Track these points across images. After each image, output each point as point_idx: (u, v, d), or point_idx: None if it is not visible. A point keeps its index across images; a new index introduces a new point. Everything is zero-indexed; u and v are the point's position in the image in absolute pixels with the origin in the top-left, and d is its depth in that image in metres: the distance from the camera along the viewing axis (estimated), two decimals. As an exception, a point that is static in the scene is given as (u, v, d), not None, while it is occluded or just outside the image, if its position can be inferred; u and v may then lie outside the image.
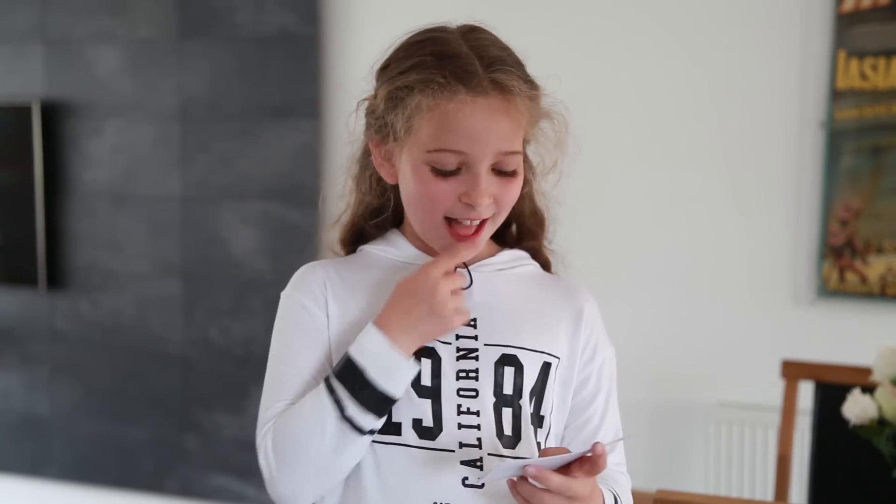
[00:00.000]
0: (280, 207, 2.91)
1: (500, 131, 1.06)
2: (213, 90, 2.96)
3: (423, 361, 1.09)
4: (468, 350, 1.11)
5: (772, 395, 2.33)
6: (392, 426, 1.08)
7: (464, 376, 1.09)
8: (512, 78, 1.06)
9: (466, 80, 1.04)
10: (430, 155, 1.07)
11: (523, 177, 1.14)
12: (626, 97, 2.59)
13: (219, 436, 3.03)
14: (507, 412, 1.10)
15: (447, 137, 1.05)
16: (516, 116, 1.07)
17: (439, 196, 1.08)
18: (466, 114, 1.05)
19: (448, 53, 1.06)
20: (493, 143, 1.06)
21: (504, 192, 1.09)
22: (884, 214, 2.38)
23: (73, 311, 3.19)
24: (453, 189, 1.07)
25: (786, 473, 1.98)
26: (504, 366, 1.11)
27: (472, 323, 1.12)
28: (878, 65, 2.37)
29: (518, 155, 1.09)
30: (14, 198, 3.18)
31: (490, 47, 1.08)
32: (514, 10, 2.57)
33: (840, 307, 2.44)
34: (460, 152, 1.06)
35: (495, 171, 1.08)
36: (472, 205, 1.07)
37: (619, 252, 2.61)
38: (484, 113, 1.05)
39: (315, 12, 2.83)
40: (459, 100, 1.04)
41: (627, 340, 2.62)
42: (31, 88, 3.15)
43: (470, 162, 1.06)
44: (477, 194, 1.06)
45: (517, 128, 1.08)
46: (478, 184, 1.06)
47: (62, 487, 3.27)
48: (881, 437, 1.59)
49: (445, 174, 1.07)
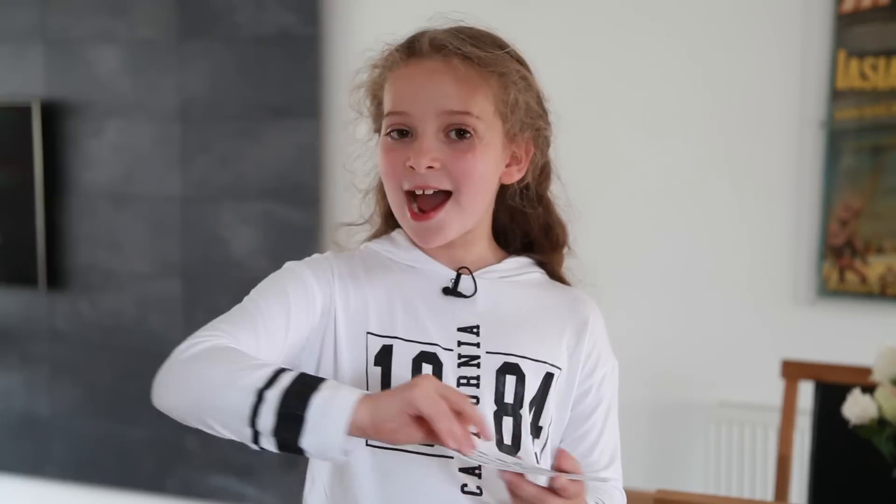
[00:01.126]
0: (280, 207, 2.91)
1: (440, 90, 1.06)
2: (213, 90, 2.96)
3: (425, 367, 1.07)
4: (470, 357, 1.09)
5: (772, 395, 2.33)
6: None
7: (465, 383, 1.08)
8: (454, 40, 1.06)
9: (408, 47, 1.09)
10: (384, 122, 1.09)
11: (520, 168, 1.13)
12: (626, 97, 2.59)
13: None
14: (507, 421, 1.08)
15: (392, 101, 1.08)
16: (461, 77, 1.06)
17: (391, 164, 1.08)
18: (406, 76, 1.08)
19: (411, 36, 1.10)
20: (433, 102, 1.06)
21: (455, 158, 1.06)
22: (884, 214, 2.38)
23: (74, 311, 3.19)
24: (402, 154, 1.07)
25: (786, 473, 1.98)
26: (506, 374, 1.09)
27: (475, 330, 1.10)
28: (878, 65, 2.37)
29: (472, 119, 1.06)
30: (14, 198, 3.18)
31: (459, 26, 1.10)
32: (515, 10, 2.57)
33: (840, 307, 2.44)
34: (403, 113, 1.07)
35: (448, 137, 1.07)
36: (412, 167, 1.05)
37: (620, 252, 2.61)
38: (423, 73, 1.07)
39: (315, 12, 2.83)
40: (401, 64, 1.08)
41: (628, 341, 2.62)
42: (31, 88, 3.15)
43: (414, 123, 1.07)
44: (417, 154, 1.05)
45: (462, 88, 1.06)
46: (420, 144, 1.06)
47: (62, 487, 3.27)
48: (881, 437, 1.59)
49: (398, 139, 1.08)
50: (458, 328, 1.10)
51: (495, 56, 1.08)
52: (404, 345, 1.08)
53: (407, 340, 1.08)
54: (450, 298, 1.12)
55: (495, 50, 1.08)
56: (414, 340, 1.08)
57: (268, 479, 2.98)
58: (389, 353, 1.08)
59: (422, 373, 1.06)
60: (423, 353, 1.08)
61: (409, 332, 1.09)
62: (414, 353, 1.08)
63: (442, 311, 1.11)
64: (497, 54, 1.08)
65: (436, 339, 1.09)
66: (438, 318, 1.10)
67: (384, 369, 1.07)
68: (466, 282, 1.12)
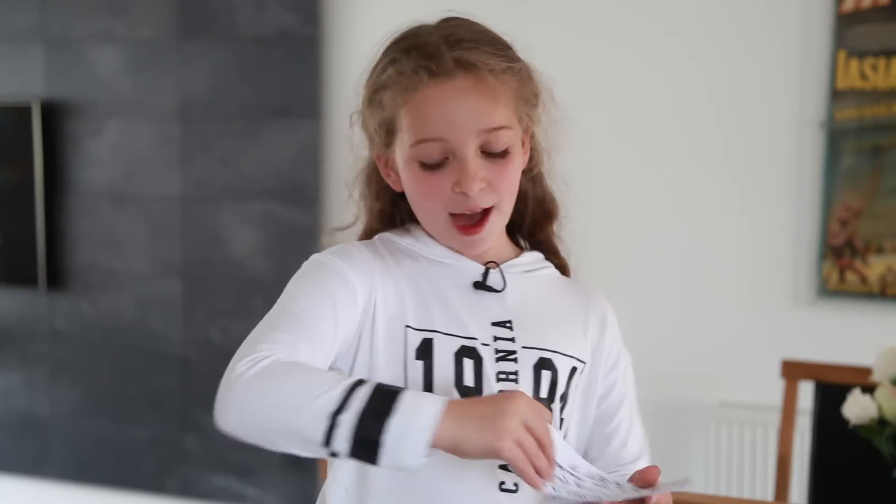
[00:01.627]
0: (280, 207, 2.91)
1: (475, 109, 1.03)
2: (213, 90, 2.96)
3: (466, 362, 1.06)
4: (507, 352, 1.08)
5: (772, 395, 2.33)
6: None
7: (504, 378, 1.07)
8: (477, 54, 1.03)
9: (430, 66, 1.02)
10: (414, 150, 1.05)
11: (525, 157, 1.12)
12: (627, 97, 2.59)
13: (219, 436, 3.00)
14: None
15: (424, 127, 1.03)
16: (491, 92, 1.03)
17: (433, 191, 1.05)
18: (435, 99, 1.02)
19: (416, 45, 1.04)
20: (471, 123, 1.03)
21: (499, 174, 1.05)
22: (884, 214, 2.38)
23: (74, 311, 3.19)
24: (445, 181, 1.04)
25: (786, 473, 1.98)
26: (542, 369, 1.09)
27: (509, 324, 1.10)
28: (878, 65, 2.37)
29: (506, 130, 1.05)
30: (14, 198, 3.18)
31: (460, 30, 1.06)
32: (515, 9, 2.57)
33: (840, 307, 2.44)
34: (440, 139, 1.03)
35: (485, 154, 1.05)
36: (465, 192, 1.04)
37: (620, 252, 2.61)
38: (453, 94, 1.02)
39: (315, 12, 2.83)
40: (425, 87, 1.02)
41: (628, 340, 2.61)
42: (31, 88, 3.15)
43: (454, 148, 1.03)
44: (467, 179, 1.03)
45: (495, 103, 1.04)
46: (466, 168, 1.03)
47: (62, 487, 3.27)
48: (881, 437, 1.59)
49: (433, 167, 1.05)
50: (492, 323, 1.10)
51: (510, 59, 1.06)
52: (444, 339, 1.07)
53: (447, 334, 1.07)
54: (480, 293, 1.11)
55: (507, 52, 1.07)
56: (453, 334, 1.07)
57: (268, 479, 2.98)
58: (430, 347, 1.06)
59: (463, 367, 1.05)
60: (463, 348, 1.07)
61: (448, 325, 1.07)
62: (455, 347, 1.07)
63: (474, 305, 1.10)
64: (512, 58, 1.06)
65: (474, 333, 1.08)
66: (472, 311, 1.09)
67: (426, 364, 1.05)
68: (495, 276, 1.12)
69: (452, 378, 1.05)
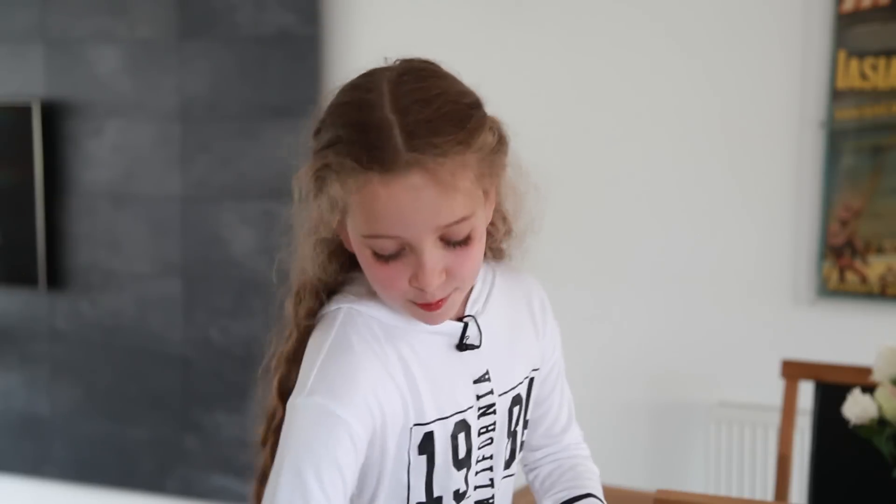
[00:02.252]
0: (280, 207, 2.90)
1: (432, 207, 0.92)
2: (213, 90, 2.96)
3: (460, 437, 1.05)
4: (487, 406, 1.09)
5: (772, 394, 2.33)
6: (433, 500, 1.06)
7: (484, 431, 1.09)
8: (431, 149, 0.91)
9: (381, 161, 0.91)
10: (367, 241, 0.96)
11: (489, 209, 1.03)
12: (626, 96, 2.59)
13: (219, 436, 3.03)
14: (509, 442, 1.13)
15: (376, 224, 0.94)
16: (448, 183, 0.92)
17: (389, 281, 0.97)
18: (386, 198, 0.92)
19: (366, 125, 0.93)
20: (427, 221, 0.93)
21: (459, 263, 0.97)
22: (884, 214, 2.38)
23: (74, 311, 3.19)
24: (401, 273, 0.96)
25: (786, 473, 1.98)
26: (514, 406, 1.11)
27: (487, 377, 1.08)
28: (879, 65, 2.37)
29: (466, 221, 0.95)
30: (14, 198, 3.18)
31: (416, 105, 0.93)
32: (515, 9, 2.57)
33: (840, 307, 2.44)
34: (393, 237, 0.94)
35: (445, 243, 0.96)
36: (421, 288, 0.96)
37: (620, 252, 2.61)
38: (406, 193, 0.91)
39: (315, 12, 2.83)
40: (375, 183, 0.92)
41: (627, 340, 2.62)
42: (31, 88, 3.15)
43: (409, 242, 0.94)
44: (424, 277, 0.95)
45: (453, 195, 0.93)
46: (423, 264, 0.95)
47: (62, 487, 3.27)
48: (881, 437, 1.59)
49: (387, 258, 0.96)
50: (474, 381, 1.08)
51: (469, 140, 0.94)
52: (441, 425, 1.04)
53: (443, 419, 1.04)
54: (462, 353, 1.07)
55: (464, 126, 0.94)
56: (447, 416, 1.04)
57: (268, 479, 2.98)
58: (431, 438, 1.03)
59: (458, 443, 1.04)
60: (456, 425, 1.05)
61: (442, 408, 1.04)
62: (451, 428, 1.04)
63: (458, 369, 1.07)
64: (469, 133, 0.94)
65: (462, 405, 1.06)
66: (457, 378, 1.06)
67: (429, 456, 1.04)
68: (472, 331, 1.07)
69: (450, 459, 1.05)
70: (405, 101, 0.94)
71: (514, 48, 2.61)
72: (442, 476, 1.05)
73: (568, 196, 2.57)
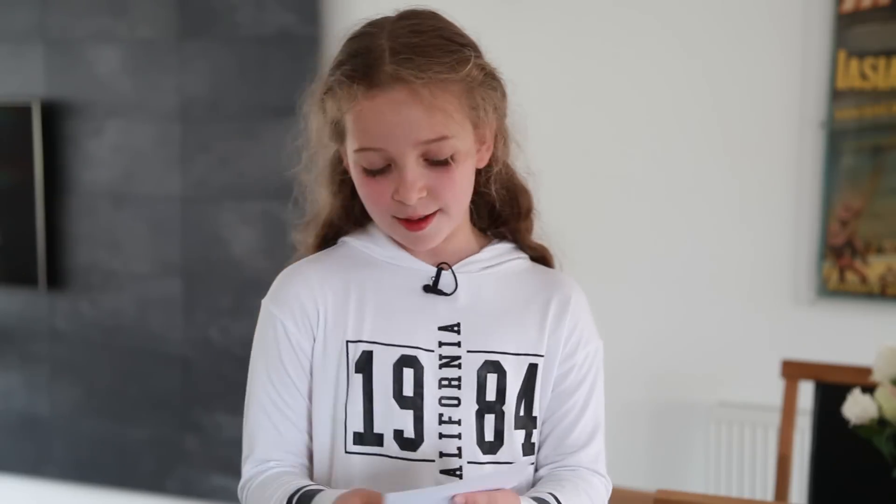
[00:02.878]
0: (280, 207, 2.91)
1: (412, 122, 1.01)
2: (213, 90, 2.96)
3: (406, 371, 1.07)
4: (451, 357, 1.09)
5: (772, 394, 2.33)
6: (374, 437, 1.07)
7: (446, 384, 1.08)
8: (413, 66, 1.00)
9: (368, 77, 1.02)
10: (357, 155, 1.06)
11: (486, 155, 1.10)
12: (626, 97, 2.59)
13: (219, 436, 3.03)
14: (489, 418, 1.09)
15: (363, 137, 1.04)
16: (429, 103, 1.01)
17: (375, 197, 1.06)
18: (371, 111, 1.02)
19: (361, 50, 1.04)
20: (407, 135, 1.02)
21: (441, 182, 1.05)
22: (884, 214, 2.38)
23: (74, 311, 3.19)
24: (387, 187, 1.05)
25: (786, 473, 1.98)
26: (487, 372, 1.09)
27: (456, 328, 1.10)
28: (879, 65, 2.37)
29: (447, 141, 1.03)
30: (14, 198, 3.18)
31: (410, 35, 1.03)
32: (516, 9, 2.57)
33: (840, 307, 2.44)
34: (378, 149, 1.03)
35: (428, 162, 1.04)
36: (402, 201, 1.04)
37: (620, 252, 2.61)
38: (389, 106, 1.02)
39: (315, 12, 2.83)
40: (362, 98, 1.02)
41: (627, 340, 2.62)
42: (31, 88, 3.15)
43: (393, 157, 1.03)
44: (405, 190, 1.03)
45: (433, 114, 1.02)
46: (404, 178, 1.03)
47: (62, 487, 3.27)
48: (881, 437, 1.59)
49: (375, 173, 1.05)
50: (440, 327, 1.10)
51: (454, 66, 1.03)
52: (383, 349, 1.08)
53: (387, 345, 1.08)
54: (430, 296, 1.11)
55: (451, 55, 1.03)
56: (394, 344, 1.08)
57: (268, 479, 2.98)
58: (370, 359, 1.08)
59: (402, 377, 1.07)
60: (403, 357, 1.08)
61: (389, 335, 1.09)
62: (394, 357, 1.08)
63: (422, 309, 1.10)
64: (456, 61, 1.03)
65: (416, 342, 1.09)
66: (419, 317, 1.10)
67: (365, 376, 1.08)
68: (447, 278, 1.11)
69: (391, 389, 1.07)
70: (400, 31, 1.04)
71: (514, 49, 2.60)
72: (382, 408, 1.07)
73: (567, 196, 2.57)
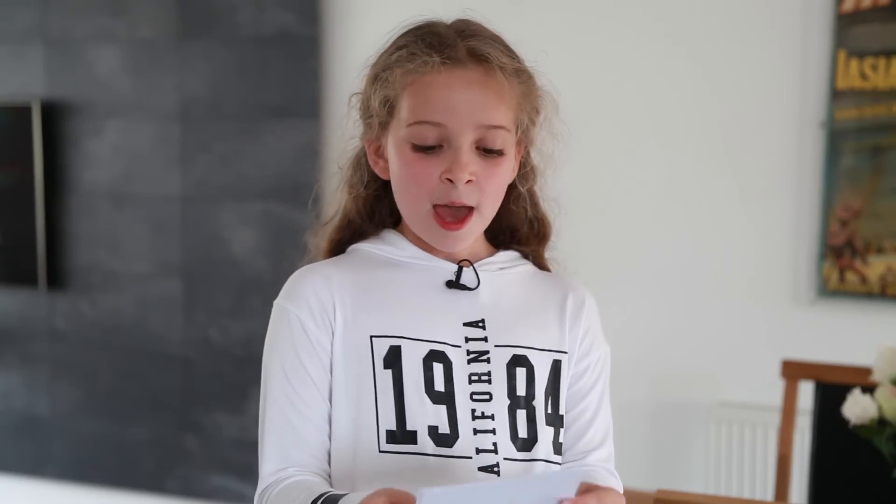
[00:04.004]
0: (280, 207, 2.91)
1: (479, 102, 1.04)
2: (213, 90, 2.96)
3: (436, 367, 1.06)
4: (479, 352, 1.08)
5: (772, 394, 2.33)
6: (407, 434, 1.04)
7: (476, 380, 1.07)
8: (490, 48, 1.04)
9: (442, 51, 1.03)
10: (410, 130, 1.05)
11: (514, 169, 1.12)
12: (627, 97, 2.59)
13: (219, 436, 3.03)
14: (521, 414, 1.08)
15: (424, 109, 1.04)
16: (498, 90, 1.04)
17: (421, 175, 1.05)
18: (442, 84, 1.03)
19: (430, 32, 1.07)
20: (472, 115, 1.03)
21: (488, 173, 1.06)
22: (884, 214, 2.38)
23: (74, 311, 3.19)
24: (435, 167, 1.04)
25: (786, 473, 1.98)
26: (516, 367, 1.09)
27: (481, 324, 1.10)
28: (879, 65, 2.37)
29: (504, 131, 1.06)
30: (14, 198, 3.18)
31: (475, 27, 1.07)
32: (517, 9, 2.57)
33: (840, 307, 2.44)
34: (438, 124, 1.04)
35: (480, 150, 1.05)
36: (452, 180, 1.04)
37: (620, 252, 2.61)
38: (461, 83, 1.03)
39: (315, 12, 2.83)
40: (435, 70, 1.03)
41: (627, 340, 2.62)
42: (31, 88, 3.15)
43: (450, 136, 1.04)
44: (458, 168, 1.03)
45: (499, 101, 1.05)
46: (459, 157, 1.03)
47: (62, 487, 3.27)
48: (881, 437, 1.59)
49: (426, 150, 1.05)
50: (464, 323, 1.10)
51: (523, 67, 1.08)
52: (412, 344, 1.07)
53: (414, 339, 1.07)
54: (453, 292, 1.11)
55: (517, 58, 1.08)
56: (421, 339, 1.07)
57: (268, 479, 2.98)
58: (398, 354, 1.06)
59: (433, 372, 1.06)
60: (432, 352, 1.07)
61: (415, 330, 1.08)
62: (423, 352, 1.07)
63: (446, 306, 1.10)
64: (523, 64, 1.08)
65: (443, 337, 1.08)
66: (443, 313, 1.09)
67: (395, 372, 1.06)
68: (468, 274, 1.11)
69: (422, 384, 1.06)
70: (468, 25, 1.08)
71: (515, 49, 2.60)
72: (414, 404, 1.05)
73: (568, 197, 2.57)
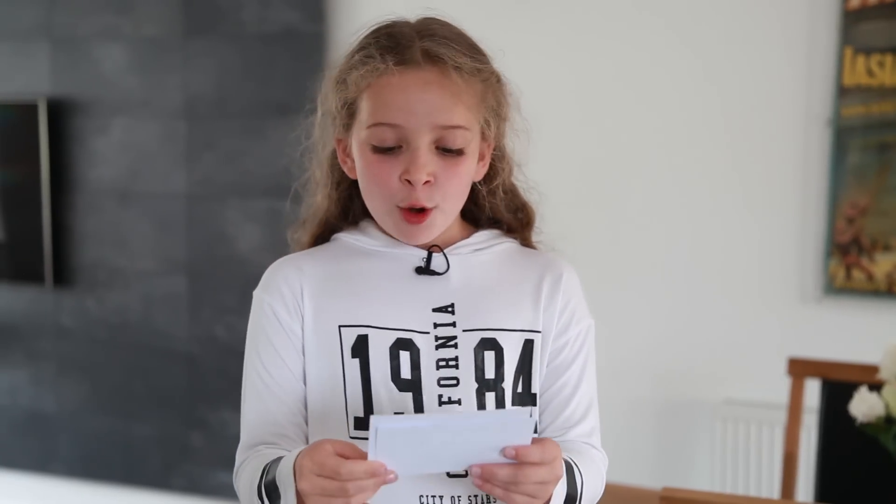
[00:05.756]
0: (285, 205, 2.91)
1: (435, 103, 1.04)
2: (218, 88, 2.96)
3: (402, 354, 1.08)
4: (447, 338, 1.10)
5: (778, 392, 2.33)
6: None
7: (444, 365, 1.09)
8: (446, 49, 1.04)
9: (397, 53, 1.05)
10: (369, 131, 1.06)
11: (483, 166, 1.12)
12: (632, 95, 2.58)
13: (224, 433, 3.03)
14: (489, 396, 1.09)
15: (382, 111, 1.05)
16: (454, 90, 1.05)
17: (381, 176, 1.06)
18: (398, 86, 1.04)
19: (388, 33, 1.08)
20: (428, 115, 1.04)
21: (448, 173, 1.06)
22: (890, 211, 2.37)
23: (80, 308, 3.19)
24: (395, 168, 1.05)
25: (792, 471, 1.98)
26: (484, 350, 1.10)
27: (450, 309, 1.11)
28: (885, 61, 2.36)
29: (462, 131, 1.06)
30: (20, 195, 3.19)
31: (436, 26, 1.07)
32: (519, 9, 2.57)
33: (847, 305, 2.43)
34: (396, 125, 1.04)
35: (439, 150, 1.06)
36: (410, 181, 1.05)
37: (626, 250, 2.60)
38: (416, 84, 1.04)
39: (320, 9, 2.83)
40: (390, 72, 1.04)
41: (634, 337, 2.62)
42: (37, 86, 3.16)
43: (408, 136, 1.05)
44: (415, 169, 1.04)
45: (456, 101, 1.05)
46: (416, 158, 1.04)
47: (68, 484, 3.28)
48: (888, 434, 1.59)
49: (385, 151, 1.06)
50: (433, 308, 1.11)
51: (482, 64, 1.07)
52: (378, 333, 1.09)
53: (380, 328, 1.09)
54: (423, 278, 1.12)
55: (478, 56, 1.08)
56: (388, 328, 1.09)
57: (273, 477, 2.98)
58: (366, 343, 1.09)
59: (399, 361, 1.08)
60: (399, 340, 1.08)
61: (383, 319, 1.09)
62: (390, 341, 1.09)
63: (415, 292, 1.11)
64: (480, 61, 1.07)
65: (411, 324, 1.09)
66: (412, 300, 1.11)
67: (362, 360, 1.08)
68: (438, 259, 1.12)
69: (388, 373, 1.08)
70: (427, 25, 1.08)
71: (518, 49, 2.59)
72: (381, 393, 1.07)
73: (572, 195, 2.57)
